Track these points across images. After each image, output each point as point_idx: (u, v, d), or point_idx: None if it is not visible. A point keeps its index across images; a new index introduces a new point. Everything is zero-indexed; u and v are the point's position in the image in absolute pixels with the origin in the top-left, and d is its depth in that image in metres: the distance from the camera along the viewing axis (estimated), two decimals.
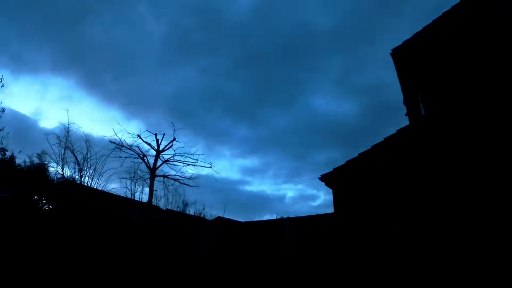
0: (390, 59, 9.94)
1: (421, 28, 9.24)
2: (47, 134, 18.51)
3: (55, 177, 17.88)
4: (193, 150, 20.88)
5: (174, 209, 24.16)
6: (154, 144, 20.72)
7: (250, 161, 40.12)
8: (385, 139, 9.12)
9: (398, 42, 8.89)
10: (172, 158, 20.82)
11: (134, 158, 20.52)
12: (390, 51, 9.67)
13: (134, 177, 21.28)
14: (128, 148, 20.18)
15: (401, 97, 11.09)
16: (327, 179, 9.71)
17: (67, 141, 18.56)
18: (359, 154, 9.34)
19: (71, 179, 17.76)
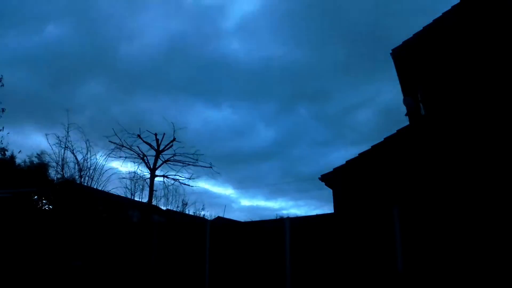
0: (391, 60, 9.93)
1: (420, 28, 9.24)
2: (47, 134, 18.47)
3: (55, 177, 17.87)
4: (192, 150, 20.67)
5: (174, 209, 24.17)
6: (154, 144, 20.71)
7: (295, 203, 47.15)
8: (385, 139, 9.13)
9: None
10: (172, 158, 20.80)
11: (134, 158, 20.51)
12: (390, 51, 9.66)
13: (134, 177, 21.27)
14: (128, 148, 20.17)
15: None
16: (327, 179, 9.72)
17: (67, 141, 18.53)
18: (359, 154, 9.35)
19: (71, 179, 17.74)
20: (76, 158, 18.54)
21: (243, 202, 42.88)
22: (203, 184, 32.48)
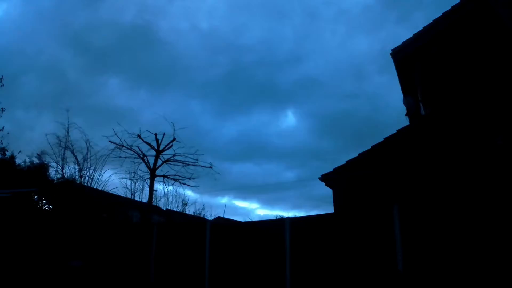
0: (390, 60, 9.93)
1: (421, 28, 9.25)
2: (47, 134, 18.50)
3: (55, 177, 17.88)
4: (192, 150, 20.70)
5: (174, 209, 24.18)
6: (154, 144, 20.71)
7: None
8: (385, 139, 9.13)
9: None
10: (172, 158, 20.80)
11: (134, 158, 20.51)
12: (390, 51, 9.67)
13: (134, 177, 21.28)
14: (128, 148, 20.18)
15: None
16: (327, 179, 9.71)
17: (67, 141, 18.58)
18: (359, 154, 9.35)
19: (71, 179, 17.76)
20: (76, 158, 18.60)
21: (259, 212, 51.64)
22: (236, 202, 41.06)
